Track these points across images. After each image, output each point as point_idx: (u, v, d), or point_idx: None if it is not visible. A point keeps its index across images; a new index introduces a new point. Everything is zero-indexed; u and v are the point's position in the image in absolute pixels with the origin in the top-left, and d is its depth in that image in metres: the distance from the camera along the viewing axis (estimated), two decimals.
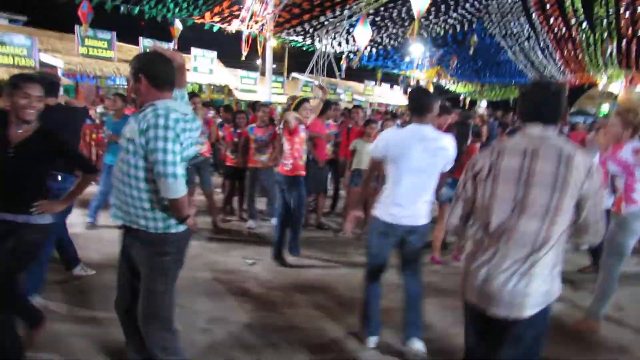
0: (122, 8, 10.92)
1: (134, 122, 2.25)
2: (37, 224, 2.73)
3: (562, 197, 1.87)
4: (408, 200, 3.02)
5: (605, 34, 16.14)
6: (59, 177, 3.75)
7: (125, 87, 15.52)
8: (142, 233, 2.31)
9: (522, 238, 1.92)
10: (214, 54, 15.79)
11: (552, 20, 15.93)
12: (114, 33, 12.92)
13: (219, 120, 7.84)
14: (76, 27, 11.99)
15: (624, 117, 3.42)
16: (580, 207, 1.91)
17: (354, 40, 16.56)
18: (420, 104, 3.06)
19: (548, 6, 15.17)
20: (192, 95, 6.33)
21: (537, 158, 1.90)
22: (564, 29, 16.39)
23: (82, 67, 11.89)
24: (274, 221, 6.11)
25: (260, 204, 6.78)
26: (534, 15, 16.11)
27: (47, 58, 11.64)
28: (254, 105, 9.22)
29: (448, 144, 3.04)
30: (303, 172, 4.89)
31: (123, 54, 13.95)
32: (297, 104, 4.92)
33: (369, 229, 3.29)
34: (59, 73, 12.03)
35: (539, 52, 19.27)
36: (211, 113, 7.26)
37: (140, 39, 13.83)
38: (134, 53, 13.83)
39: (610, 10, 14.59)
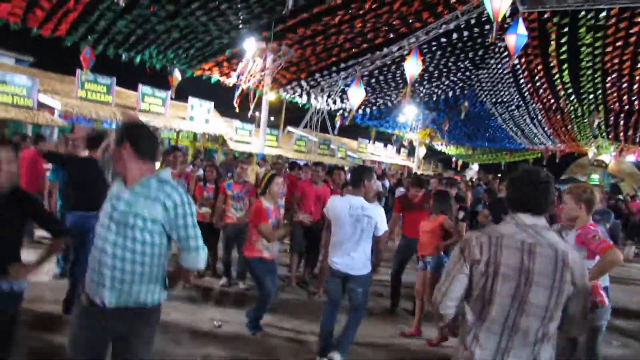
0: (123, 56, 11.24)
1: (143, 198, 2.17)
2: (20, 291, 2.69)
3: (560, 296, 1.92)
4: (341, 252, 3.93)
5: (592, 107, 16.68)
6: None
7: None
8: (138, 310, 2.22)
9: (524, 335, 1.93)
10: (211, 104, 16.15)
11: (540, 91, 16.48)
12: (114, 79, 13.26)
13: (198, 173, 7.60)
14: (77, 70, 12.32)
15: (574, 194, 3.42)
16: (571, 302, 1.96)
17: (347, 99, 17.07)
18: (355, 179, 4.03)
19: (537, 78, 15.74)
20: (174, 148, 6.43)
21: (534, 256, 1.92)
22: (552, 100, 16.93)
23: (78, 110, 12.12)
24: (241, 284, 5.97)
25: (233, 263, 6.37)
26: (523, 86, 16.69)
27: (45, 99, 11.88)
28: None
29: (373, 212, 3.88)
30: None
31: (121, 99, 14.27)
32: (267, 182, 4.52)
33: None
34: (56, 115, 12.27)
35: (528, 120, 19.82)
36: (189, 168, 7.23)
37: (140, 85, 14.19)
38: (132, 99, 14.24)
39: (598, 85, 15.14)
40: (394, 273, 5.86)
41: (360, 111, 18.01)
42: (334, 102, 17.68)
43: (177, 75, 12.89)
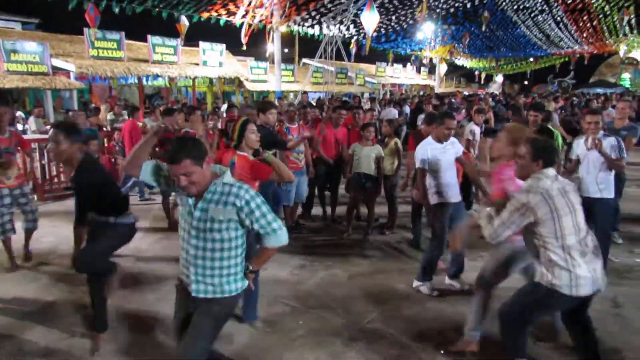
0: (127, 9, 10.99)
1: (214, 204, 2.44)
2: None
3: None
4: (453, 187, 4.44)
5: (621, 3, 15.61)
6: None
7: (137, 85, 15.72)
8: (218, 299, 2.54)
9: (592, 245, 2.83)
10: (223, 46, 15.81)
11: None
12: (123, 33, 13.07)
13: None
14: (85, 30, 12.16)
15: (510, 134, 3.37)
16: None
17: (361, 25, 16.41)
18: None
19: None
20: (193, 108, 6.43)
21: (568, 194, 2.77)
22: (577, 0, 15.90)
23: (93, 69, 12.11)
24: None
25: None
26: None
27: (59, 63, 11.87)
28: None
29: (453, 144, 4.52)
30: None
31: (132, 53, 14.12)
32: (241, 130, 3.70)
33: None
34: (72, 77, 12.31)
35: (553, 25, 18.74)
36: (210, 124, 7.20)
37: (149, 36, 13.96)
38: (144, 51, 14.07)
39: None
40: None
41: (375, 34, 17.33)
42: (347, 29, 17.05)
43: (184, 21, 12.59)
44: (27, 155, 6.01)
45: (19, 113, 13.32)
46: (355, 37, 17.99)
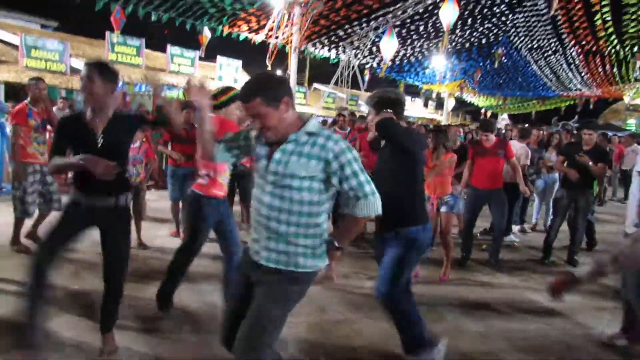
0: (152, 15, 10.97)
1: (296, 157, 2.04)
2: None
3: None
4: None
5: (636, 48, 15.85)
6: None
7: (151, 94, 15.63)
8: (290, 273, 2.13)
9: None
10: (239, 62, 15.89)
11: (579, 31, 15.69)
12: (143, 40, 13.06)
13: None
14: (107, 33, 12.14)
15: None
16: None
17: (377, 52, 16.50)
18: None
19: (576, 19, 14.94)
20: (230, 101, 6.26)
21: None
22: (592, 43, 16.13)
23: None
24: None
25: None
26: (561, 29, 15.90)
27: (77, 63, 11.78)
28: None
29: None
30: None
31: (150, 61, 14.11)
32: (228, 98, 3.69)
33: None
34: None
35: (565, 65, 19.00)
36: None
37: (168, 46, 13.96)
38: (162, 60, 14.05)
39: None
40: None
41: (390, 63, 17.45)
42: (363, 56, 17.17)
43: (207, 33, 12.60)
44: None
45: None
46: (370, 64, 18.09)
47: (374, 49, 16.52)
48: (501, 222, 5.71)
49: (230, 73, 15.64)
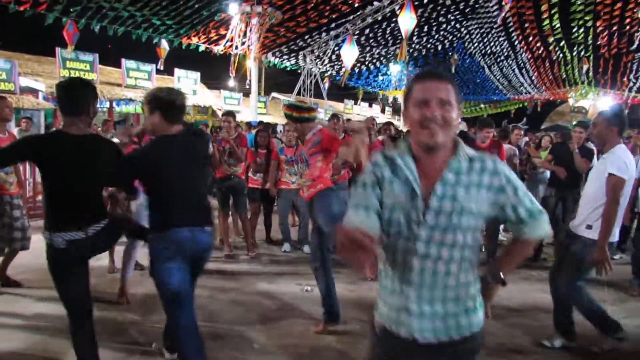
0: (108, 29, 10.52)
1: (463, 188, 1.51)
2: None
3: None
4: None
5: (582, 53, 16.66)
6: None
7: (106, 110, 15.03)
8: (462, 342, 1.56)
9: None
10: (197, 74, 15.49)
11: (530, 38, 16.33)
12: (97, 55, 12.49)
13: None
14: (57, 49, 11.51)
15: None
16: None
17: (337, 60, 16.58)
18: None
19: (527, 25, 15.56)
20: (227, 114, 6.09)
21: None
22: (541, 48, 16.83)
23: None
24: (305, 248, 5.96)
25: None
26: (513, 35, 16.51)
27: (28, 82, 11.13)
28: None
29: None
30: None
31: (105, 77, 13.51)
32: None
33: None
34: (40, 97, 11.53)
35: (517, 70, 19.74)
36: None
37: (123, 60, 13.44)
38: (116, 75, 13.51)
39: (589, 30, 15.06)
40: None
41: (350, 71, 17.59)
42: (323, 64, 17.21)
43: (164, 45, 12.20)
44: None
45: None
46: (329, 72, 18.14)
47: (334, 57, 16.59)
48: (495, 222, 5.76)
49: (189, 85, 15.22)
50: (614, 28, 14.84)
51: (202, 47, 12.79)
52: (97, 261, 5.27)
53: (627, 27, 14.91)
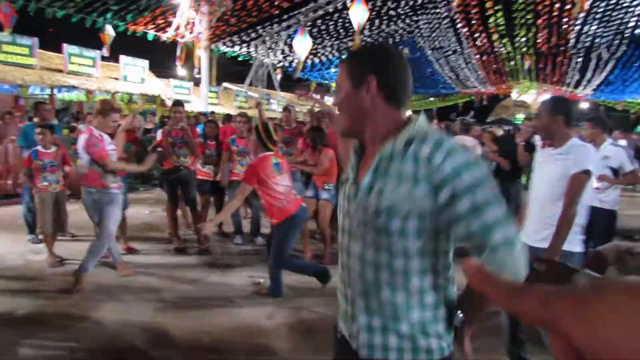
0: (45, 12, 9.99)
1: (392, 178, 1.22)
2: None
3: None
4: None
5: (524, 49, 17.41)
6: None
7: (47, 97, 14.31)
8: None
9: None
10: (146, 62, 15.00)
11: (476, 34, 16.90)
12: (36, 39, 11.85)
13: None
14: None
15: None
16: None
17: (290, 51, 16.52)
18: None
19: (473, 21, 16.07)
20: (177, 104, 5.93)
21: None
22: (486, 44, 17.45)
23: (2, 75, 10.79)
24: (258, 240, 6.00)
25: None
26: (460, 30, 17.01)
27: None
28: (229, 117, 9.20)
29: None
30: None
31: (45, 62, 12.85)
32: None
33: None
34: None
35: (463, 64, 20.38)
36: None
37: (65, 45, 12.82)
38: (58, 61, 12.92)
39: (530, 28, 15.75)
40: None
41: (303, 62, 17.57)
42: (274, 55, 17.09)
43: (109, 31, 11.71)
44: None
45: None
46: (281, 64, 18.05)
47: (287, 48, 16.51)
48: None
49: (136, 73, 14.73)
50: (553, 27, 15.62)
51: (151, 35, 12.35)
52: (37, 255, 5.13)
53: (565, 26, 15.75)
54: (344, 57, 1.47)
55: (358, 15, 13.25)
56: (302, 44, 14.35)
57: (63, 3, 9.84)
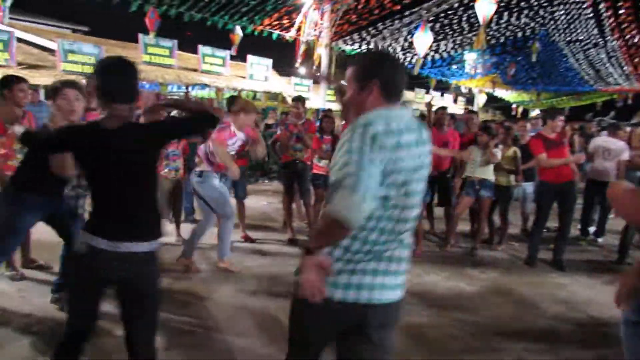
0: (185, 16, 10.91)
1: None
2: None
3: None
4: None
5: None
6: None
7: (183, 95, 15.67)
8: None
9: None
10: (270, 61, 15.75)
11: (624, 25, 15.05)
12: (176, 41, 13.03)
13: None
14: (140, 35, 12.13)
15: None
16: None
17: (409, 47, 16.16)
18: None
19: (622, 11, 14.33)
20: (297, 99, 6.17)
21: None
22: (637, 35, 15.46)
23: (145, 75, 12.00)
24: None
25: None
26: (604, 21, 15.28)
27: None
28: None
29: None
30: None
31: (182, 62, 14.08)
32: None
33: None
34: None
35: (606, 59, 18.29)
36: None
37: (199, 46, 13.91)
38: (193, 61, 14.02)
39: None
40: None
41: (423, 59, 17.11)
42: (394, 52, 16.84)
43: (238, 31, 12.48)
44: None
45: None
46: (401, 60, 17.73)
47: (406, 44, 16.19)
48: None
49: (260, 71, 15.53)
50: None
51: (275, 35, 12.90)
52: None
53: None
54: (351, 61, 1.84)
55: (484, 8, 12.51)
56: (423, 40, 13.95)
57: (199, 8, 10.61)
